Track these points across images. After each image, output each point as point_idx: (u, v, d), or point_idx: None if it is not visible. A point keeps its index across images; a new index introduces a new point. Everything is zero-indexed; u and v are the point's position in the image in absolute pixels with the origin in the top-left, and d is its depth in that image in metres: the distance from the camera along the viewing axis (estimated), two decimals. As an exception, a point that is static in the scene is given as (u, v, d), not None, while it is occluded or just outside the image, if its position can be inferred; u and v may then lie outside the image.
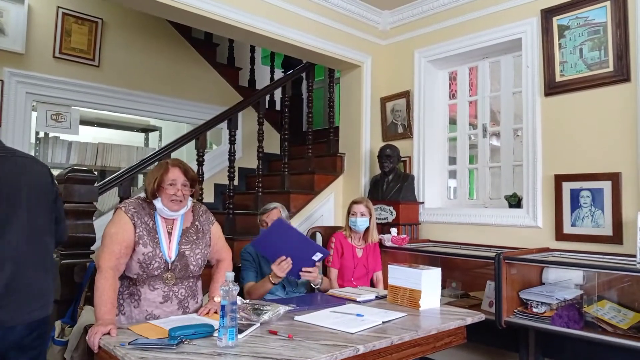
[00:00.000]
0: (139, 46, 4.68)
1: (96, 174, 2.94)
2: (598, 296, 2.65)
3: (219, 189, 4.64)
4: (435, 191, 3.96)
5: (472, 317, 2.17)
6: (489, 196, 3.73)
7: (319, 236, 3.71)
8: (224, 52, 5.47)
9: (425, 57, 3.92)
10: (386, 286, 2.65)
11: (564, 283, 2.77)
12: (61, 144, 4.45)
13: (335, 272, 3.06)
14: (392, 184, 3.74)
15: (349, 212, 3.13)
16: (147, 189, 2.08)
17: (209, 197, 4.52)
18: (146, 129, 5.34)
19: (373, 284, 3.20)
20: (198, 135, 3.54)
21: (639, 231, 2.54)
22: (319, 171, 4.11)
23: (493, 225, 3.39)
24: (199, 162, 3.48)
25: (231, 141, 3.68)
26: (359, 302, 2.36)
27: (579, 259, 2.75)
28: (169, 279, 2.03)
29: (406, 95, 3.99)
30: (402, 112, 4.02)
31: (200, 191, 3.54)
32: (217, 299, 2.04)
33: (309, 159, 4.20)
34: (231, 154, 3.66)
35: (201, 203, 2.34)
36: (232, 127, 3.69)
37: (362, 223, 3.08)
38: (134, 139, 5.30)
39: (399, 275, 2.37)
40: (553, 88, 3.12)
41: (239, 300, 1.76)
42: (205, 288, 2.29)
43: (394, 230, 3.42)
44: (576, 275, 2.74)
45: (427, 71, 3.94)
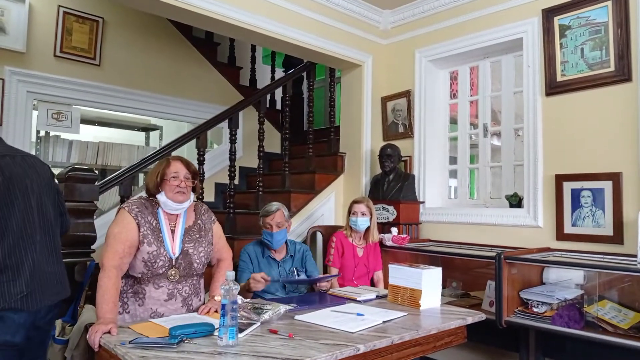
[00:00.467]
0: (139, 45, 4.68)
1: (97, 172, 2.95)
2: (599, 296, 2.64)
3: (219, 188, 4.64)
4: (436, 191, 3.96)
5: (473, 317, 2.17)
6: (489, 196, 3.72)
7: (319, 235, 3.72)
8: (224, 51, 5.47)
9: (426, 56, 3.91)
10: (387, 285, 2.65)
11: (564, 283, 2.77)
12: (62, 143, 4.45)
13: (335, 271, 3.07)
14: (393, 183, 3.74)
15: (350, 212, 3.13)
16: (149, 185, 2.10)
17: (209, 196, 4.52)
18: (147, 128, 5.34)
19: (373, 284, 3.20)
20: (199, 135, 3.54)
21: (640, 231, 2.54)
22: (320, 170, 4.11)
23: (494, 225, 3.39)
24: (200, 161, 3.48)
25: (232, 140, 3.67)
26: (359, 302, 2.36)
27: (579, 258, 2.75)
28: (174, 275, 2.05)
29: (407, 95, 3.99)
30: (402, 112, 4.02)
31: (200, 189, 3.54)
32: (218, 298, 2.05)
33: (309, 159, 4.20)
34: (232, 153, 3.66)
35: (202, 202, 2.35)
36: (232, 127, 3.69)
37: (363, 223, 3.08)
38: (134, 138, 5.31)
39: (399, 274, 2.37)
40: (554, 88, 3.12)
41: (239, 299, 1.76)
42: (206, 287, 2.30)
43: (394, 230, 3.42)
44: (577, 275, 2.74)
45: (427, 71, 3.93)
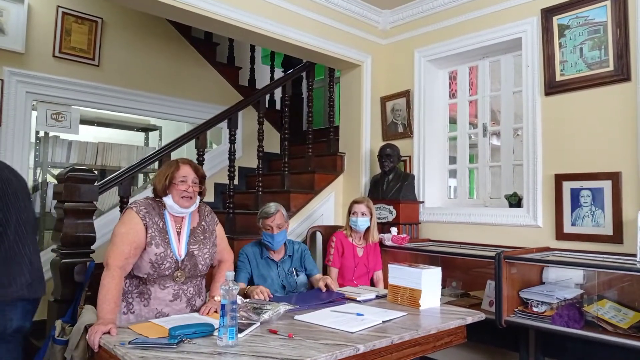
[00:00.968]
0: (138, 45, 4.67)
1: (96, 173, 2.95)
2: (598, 295, 2.64)
3: (219, 188, 4.64)
4: (436, 190, 3.96)
5: (472, 317, 2.18)
6: (489, 195, 3.72)
7: (319, 235, 3.72)
8: (224, 51, 5.46)
9: (426, 56, 3.91)
10: (386, 285, 2.65)
11: (564, 282, 2.77)
12: (61, 144, 4.45)
13: (335, 271, 3.07)
14: (392, 183, 3.74)
15: (350, 212, 3.13)
16: (156, 186, 2.11)
17: (209, 196, 4.51)
18: (146, 129, 5.33)
19: (373, 284, 3.20)
20: (198, 135, 3.53)
21: (639, 230, 2.54)
22: (319, 170, 4.10)
23: (493, 224, 3.39)
24: (199, 161, 3.47)
25: (231, 140, 3.67)
26: (359, 302, 2.36)
27: (579, 258, 2.75)
28: (179, 276, 2.06)
29: (406, 95, 3.99)
30: (402, 112, 4.02)
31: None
32: (218, 298, 2.05)
33: (309, 159, 4.20)
34: (231, 153, 3.66)
35: (205, 203, 2.36)
36: (232, 127, 3.69)
37: (363, 223, 3.08)
38: (134, 138, 5.30)
39: (399, 274, 2.37)
40: (553, 87, 3.12)
41: (239, 299, 1.76)
42: (206, 287, 2.30)
43: (394, 230, 3.42)
44: (576, 275, 2.74)
45: (427, 70, 3.93)
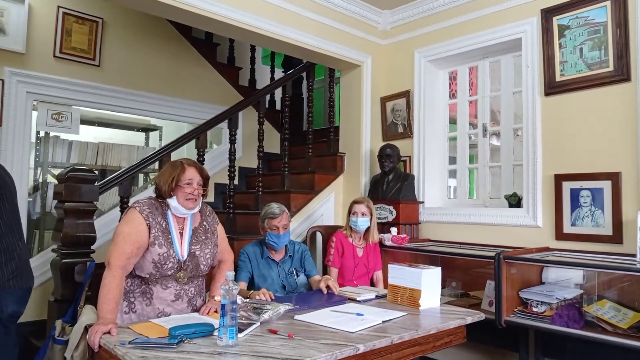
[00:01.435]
0: (139, 46, 4.68)
1: (96, 173, 2.95)
2: (598, 296, 2.65)
3: (219, 188, 4.64)
4: (435, 191, 3.96)
5: (472, 317, 2.18)
6: (489, 196, 3.73)
7: (319, 235, 3.72)
8: (224, 51, 5.46)
9: (426, 56, 3.92)
10: (386, 285, 2.66)
11: (563, 282, 2.77)
12: (62, 144, 4.45)
13: (335, 271, 3.07)
14: (392, 183, 3.74)
15: (350, 212, 3.14)
16: (161, 188, 2.09)
17: (209, 196, 4.51)
18: (147, 129, 5.34)
19: (373, 284, 3.20)
20: (198, 135, 3.54)
21: (639, 231, 2.54)
22: (319, 171, 4.11)
23: (493, 224, 3.39)
24: (200, 161, 3.48)
25: (231, 141, 3.68)
26: (359, 302, 2.37)
27: (578, 258, 2.75)
28: (182, 277, 2.06)
29: (406, 95, 3.99)
30: (402, 112, 4.02)
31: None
32: (218, 298, 2.05)
33: (309, 159, 4.21)
34: (231, 153, 3.67)
35: (206, 204, 2.36)
36: (232, 127, 3.69)
37: (363, 223, 3.08)
38: (134, 138, 5.30)
39: (399, 274, 2.38)
40: (553, 88, 3.12)
41: (239, 299, 1.76)
42: (206, 287, 2.30)
43: (394, 230, 3.42)
44: (576, 275, 2.74)
45: (427, 71, 3.94)
